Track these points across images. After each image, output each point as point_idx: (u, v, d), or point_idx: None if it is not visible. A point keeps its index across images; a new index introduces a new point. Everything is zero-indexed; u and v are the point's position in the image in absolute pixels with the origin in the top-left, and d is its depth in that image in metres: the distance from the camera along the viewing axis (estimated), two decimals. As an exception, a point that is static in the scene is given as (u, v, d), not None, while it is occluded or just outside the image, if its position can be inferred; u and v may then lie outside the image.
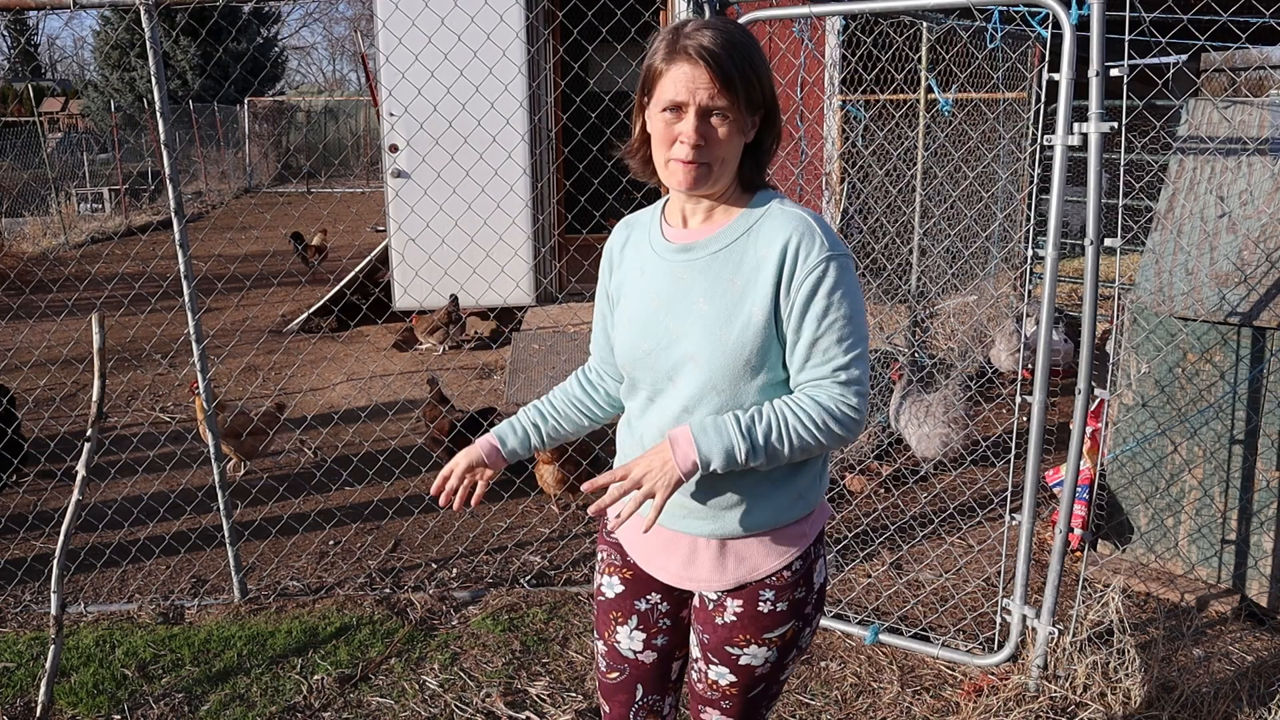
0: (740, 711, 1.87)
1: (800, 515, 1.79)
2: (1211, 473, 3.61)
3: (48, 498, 4.83)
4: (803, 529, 1.80)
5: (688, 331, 1.72)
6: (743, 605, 1.80)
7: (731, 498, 1.75)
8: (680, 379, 1.73)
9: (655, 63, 1.67)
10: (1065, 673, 3.05)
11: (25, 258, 11.82)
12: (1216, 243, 3.64)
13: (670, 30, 1.69)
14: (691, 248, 1.76)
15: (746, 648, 1.81)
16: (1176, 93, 9.07)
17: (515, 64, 6.24)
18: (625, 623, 1.95)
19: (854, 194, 6.52)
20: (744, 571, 1.79)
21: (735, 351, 1.68)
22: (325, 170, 23.15)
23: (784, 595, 1.79)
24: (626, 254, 1.88)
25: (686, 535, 1.80)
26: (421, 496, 4.76)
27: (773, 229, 1.71)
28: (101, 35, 26.27)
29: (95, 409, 2.89)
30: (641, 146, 1.78)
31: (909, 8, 3.40)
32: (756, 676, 1.84)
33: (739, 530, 1.77)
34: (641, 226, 1.88)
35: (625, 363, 1.82)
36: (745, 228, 1.73)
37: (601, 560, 2.01)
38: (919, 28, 5.70)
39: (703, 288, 1.72)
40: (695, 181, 1.68)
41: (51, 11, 11.72)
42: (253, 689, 3.23)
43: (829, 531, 4.29)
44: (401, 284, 7.34)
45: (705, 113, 1.64)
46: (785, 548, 1.79)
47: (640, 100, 1.75)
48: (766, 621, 1.80)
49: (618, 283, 1.88)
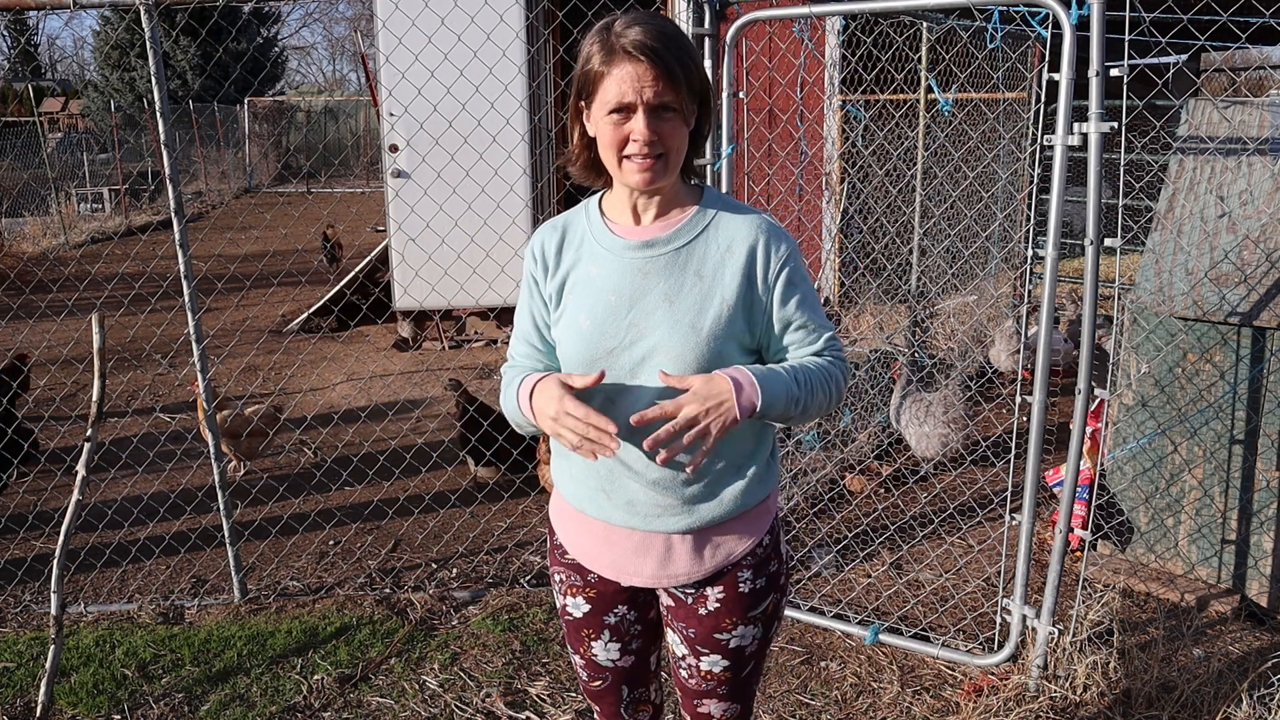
0: (736, 693, 1.92)
1: (765, 494, 1.85)
2: (1211, 473, 3.61)
3: (48, 498, 4.83)
4: (767, 505, 1.87)
5: (653, 327, 1.72)
6: (724, 590, 1.83)
7: (700, 490, 1.78)
8: (645, 375, 1.72)
9: (593, 66, 1.66)
10: (1065, 673, 3.05)
11: (25, 258, 11.83)
12: (1216, 243, 3.64)
13: (599, 30, 1.67)
14: (653, 244, 1.75)
15: (734, 630, 1.85)
16: (1176, 93, 9.07)
17: (515, 64, 6.24)
18: (598, 638, 1.96)
19: (854, 194, 6.52)
20: (721, 558, 1.82)
21: (709, 343, 1.70)
22: (325, 170, 23.15)
23: (761, 571, 1.85)
24: (565, 255, 1.82)
25: (660, 534, 1.81)
26: (422, 496, 4.76)
27: (734, 227, 1.77)
28: (101, 35, 26.29)
29: (95, 409, 2.89)
30: (583, 152, 1.77)
31: (909, 8, 3.40)
32: (747, 655, 1.90)
33: (712, 519, 1.79)
34: (576, 226, 1.83)
35: (580, 363, 1.76)
36: (704, 224, 1.77)
37: (560, 582, 1.98)
38: (919, 28, 5.70)
39: (667, 284, 1.73)
40: (653, 178, 1.69)
41: (51, 11, 11.72)
42: (253, 689, 3.23)
43: (829, 532, 4.29)
44: (401, 284, 7.34)
45: (654, 109, 1.64)
46: (756, 527, 1.84)
47: (577, 105, 1.73)
48: (749, 600, 1.85)
49: (557, 285, 1.82)
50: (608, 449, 1.61)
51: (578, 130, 1.76)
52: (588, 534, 1.88)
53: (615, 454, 1.65)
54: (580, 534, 1.90)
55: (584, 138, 1.75)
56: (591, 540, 1.88)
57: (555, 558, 1.98)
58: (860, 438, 5.18)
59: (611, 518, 1.82)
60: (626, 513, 1.80)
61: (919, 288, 6.13)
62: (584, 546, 1.90)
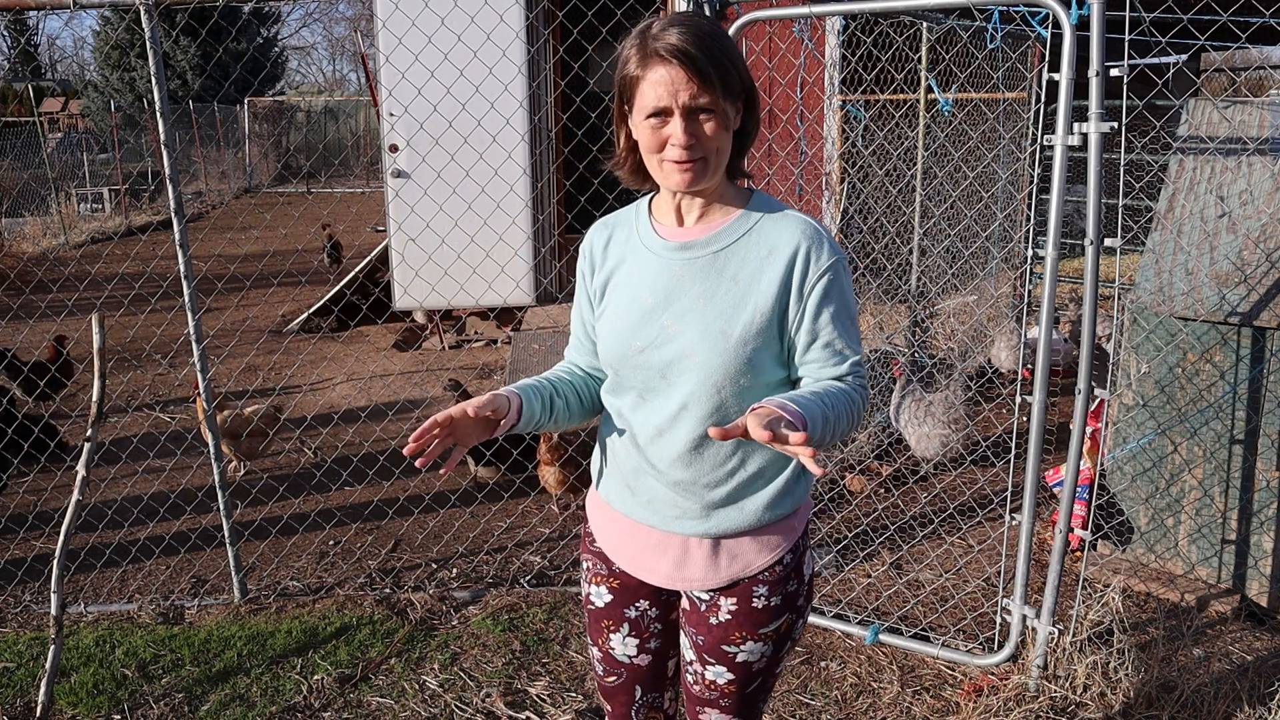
0: (739, 708, 1.88)
1: (789, 510, 1.80)
2: (1211, 473, 3.61)
3: (48, 498, 4.83)
4: (791, 523, 1.82)
5: (685, 329, 1.71)
6: (737, 603, 1.80)
7: (723, 497, 1.76)
8: (675, 376, 1.72)
9: (629, 71, 1.65)
10: (1065, 673, 3.05)
11: (25, 258, 11.83)
12: (1216, 243, 3.64)
13: (637, 35, 1.66)
14: (691, 245, 1.74)
15: (743, 645, 1.81)
16: (1176, 93, 9.07)
17: (515, 64, 6.24)
18: (617, 630, 1.96)
19: (854, 194, 6.52)
20: (737, 569, 1.79)
21: (738, 349, 1.68)
22: (325, 170, 23.15)
23: (777, 590, 1.80)
24: (610, 253, 1.85)
25: (679, 536, 1.80)
26: (422, 496, 4.76)
27: (777, 231, 1.72)
28: (101, 35, 26.28)
29: (95, 409, 2.89)
30: (630, 155, 1.76)
31: (909, 8, 3.40)
32: (754, 672, 1.84)
33: (732, 528, 1.77)
34: (625, 225, 1.85)
35: (613, 360, 1.79)
36: (746, 228, 1.73)
37: (588, 569, 2.00)
38: (919, 28, 5.69)
39: (702, 286, 1.72)
40: (694, 179, 1.67)
41: (51, 11, 11.71)
42: (253, 689, 3.23)
43: (829, 532, 4.29)
44: (401, 284, 7.33)
45: (690, 112, 1.62)
46: (777, 542, 1.80)
47: (620, 110, 1.72)
48: (761, 617, 1.80)
49: (601, 282, 1.86)
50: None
51: (623, 134, 1.75)
52: (614, 526, 1.90)
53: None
54: (607, 524, 1.92)
55: (629, 141, 1.75)
56: (616, 532, 1.90)
57: (586, 544, 2.01)
58: (860, 438, 5.18)
59: (634, 513, 1.83)
60: (647, 510, 1.81)
61: (919, 288, 6.13)
62: (609, 537, 1.92)
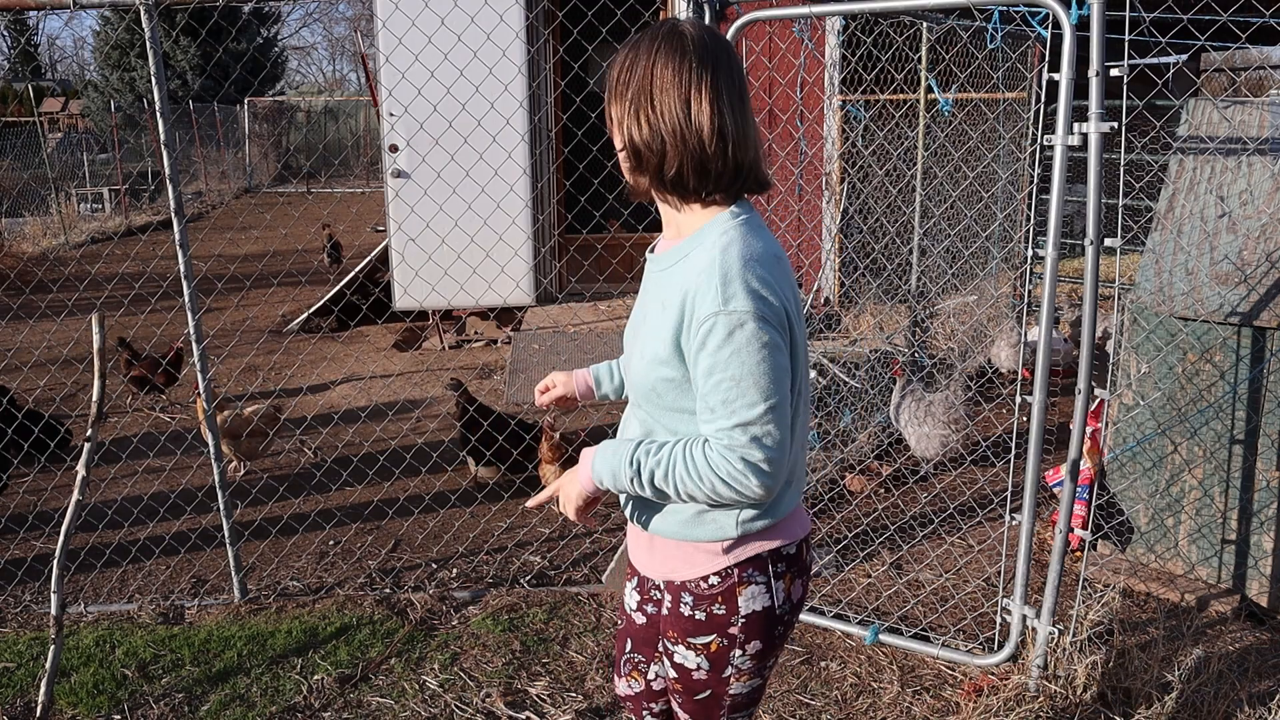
0: (692, 710, 1.89)
1: (712, 537, 1.75)
2: (1211, 473, 3.61)
3: (48, 498, 4.83)
4: (716, 549, 1.76)
5: (632, 345, 1.83)
6: (671, 601, 1.85)
7: (652, 500, 1.80)
8: (628, 385, 1.85)
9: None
10: (1065, 673, 3.05)
11: (25, 258, 11.82)
12: (1216, 243, 3.64)
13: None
14: (655, 261, 1.82)
15: (675, 646, 1.84)
16: (1176, 93, 9.07)
17: (515, 64, 6.24)
18: (630, 580, 2.08)
19: (854, 194, 6.52)
20: (666, 569, 1.85)
21: (650, 372, 1.73)
22: (325, 170, 23.15)
23: (701, 605, 1.79)
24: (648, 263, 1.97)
25: (634, 522, 1.90)
26: (422, 496, 4.76)
27: (691, 264, 1.66)
28: (101, 35, 26.27)
29: (95, 409, 2.89)
30: None
31: (909, 8, 3.40)
32: (695, 680, 1.83)
33: (657, 528, 1.82)
34: None
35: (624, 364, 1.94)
36: (685, 253, 1.71)
37: None
38: (919, 28, 5.69)
39: (648, 305, 1.80)
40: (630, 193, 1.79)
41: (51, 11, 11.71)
42: (253, 689, 3.23)
43: (829, 532, 4.29)
44: (401, 284, 7.34)
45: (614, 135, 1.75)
46: (701, 560, 1.78)
47: None
48: (688, 625, 1.80)
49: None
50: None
51: None
52: None
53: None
54: None
55: None
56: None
57: None
58: (860, 438, 5.18)
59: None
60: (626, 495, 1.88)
61: (919, 288, 6.13)
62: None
